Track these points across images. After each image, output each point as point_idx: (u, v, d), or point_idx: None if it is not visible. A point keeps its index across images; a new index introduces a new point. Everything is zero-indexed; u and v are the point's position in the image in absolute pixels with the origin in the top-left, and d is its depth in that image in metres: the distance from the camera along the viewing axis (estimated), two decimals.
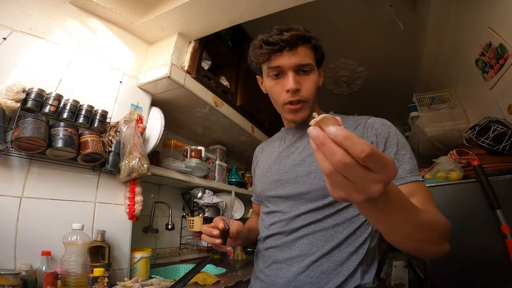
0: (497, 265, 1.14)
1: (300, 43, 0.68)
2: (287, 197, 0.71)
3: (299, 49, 0.68)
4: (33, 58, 1.03)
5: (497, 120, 1.31)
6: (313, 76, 0.71)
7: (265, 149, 0.90)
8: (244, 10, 1.32)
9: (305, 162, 0.70)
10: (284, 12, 1.34)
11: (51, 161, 0.99)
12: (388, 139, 0.64)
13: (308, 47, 0.70)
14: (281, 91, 0.71)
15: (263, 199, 0.79)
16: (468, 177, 1.29)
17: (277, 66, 0.69)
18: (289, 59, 0.68)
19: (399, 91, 3.03)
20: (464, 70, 1.82)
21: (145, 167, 1.14)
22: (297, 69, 0.69)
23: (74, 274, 0.88)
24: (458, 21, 1.73)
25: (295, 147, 0.76)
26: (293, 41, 0.67)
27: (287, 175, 0.72)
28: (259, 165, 0.87)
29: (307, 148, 0.72)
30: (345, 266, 0.63)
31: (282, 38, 0.66)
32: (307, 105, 0.72)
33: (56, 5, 1.16)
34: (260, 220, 0.81)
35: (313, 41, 0.71)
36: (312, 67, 0.70)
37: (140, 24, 1.40)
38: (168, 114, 1.48)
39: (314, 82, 0.71)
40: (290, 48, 0.67)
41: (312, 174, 0.67)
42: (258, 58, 0.71)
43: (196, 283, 1.13)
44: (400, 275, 2.36)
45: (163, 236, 1.63)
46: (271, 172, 0.77)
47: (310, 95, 0.71)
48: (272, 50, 0.68)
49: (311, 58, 0.70)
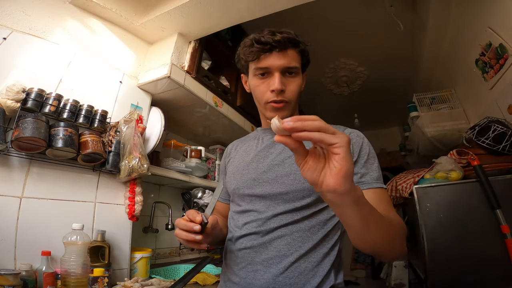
0: (497, 265, 1.14)
1: (290, 46, 0.71)
2: (264, 196, 0.70)
3: (289, 51, 0.71)
4: (33, 58, 1.03)
5: (497, 120, 1.31)
6: (298, 79, 0.73)
7: (239, 146, 0.88)
8: (244, 10, 1.32)
9: (285, 163, 0.71)
10: (284, 12, 1.34)
11: (51, 161, 0.99)
12: (362, 149, 0.69)
13: (297, 51, 0.73)
14: (266, 90, 0.72)
15: (236, 197, 0.78)
16: (468, 177, 1.29)
17: (265, 66, 0.71)
18: (278, 59, 0.70)
19: (399, 91, 3.03)
20: (464, 70, 1.82)
21: (145, 167, 1.14)
22: (284, 70, 0.71)
23: (74, 274, 0.88)
24: (458, 21, 1.73)
25: (274, 147, 0.76)
26: (284, 42, 0.69)
27: (265, 174, 0.72)
28: (232, 162, 0.84)
29: (287, 150, 0.72)
30: (321, 267, 0.64)
31: (274, 39, 0.68)
32: (289, 106, 0.74)
33: (56, 5, 1.16)
34: (231, 219, 0.79)
35: (301, 45, 0.73)
36: (298, 70, 0.73)
37: (140, 24, 1.40)
38: (168, 114, 1.48)
39: (298, 85, 0.73)
40: (280, 50, 0.70)
41: (292, 175, 0.68)
42: (248, 55, 0.73)
43: (196, 283, 1.13)
44: (400, 275, 2.36)
45: (163, 236, 1.63)
46: (247, 170, 0.76)
47: (293, 97, 0.73)
48: (263, 49, 0.69)
49: (298, 62, 0.73)
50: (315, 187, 0.41)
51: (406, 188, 1.44)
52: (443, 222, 1.26)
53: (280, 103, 0.72)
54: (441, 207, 1.29)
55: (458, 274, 1.20)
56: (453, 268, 1.21)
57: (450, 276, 1.21)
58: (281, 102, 0.72)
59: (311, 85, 3.01)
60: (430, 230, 1.27)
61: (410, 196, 1.41)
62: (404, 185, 1.47)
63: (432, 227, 1.27)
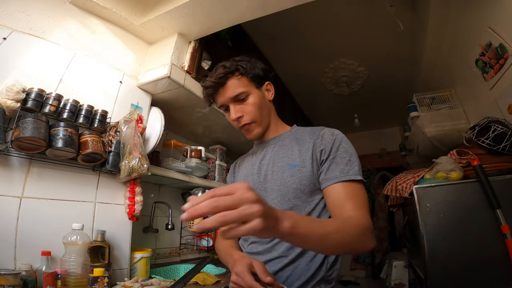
0: (497, 265, 1.14)
1: (228, 78, 0.78)
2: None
3: (228, 83, 0.79)
4: (33, 58, 1.03)
5: (497, 120, 1.31)
6: (251, 99, 0.80)
7: (241, 163, 0.98)
8: (244, 10, 1.32)
9: (273, 172, 0.80)
10: (284, 12, 1.34)
11: (51, 161, 0.99)
12: (332, 147, 0.74)
13: (237, 77, 0.79)
14: (232, 121, 0.82)
15: None
16: (468, 177, 1.29)
17: (220, 104, 0.82)
18: (223, 95, 0.80)
19: (399, 91, 3.03)
20: (464, 70, 1.82)
21: (145, 167, 1.14)
22: (234, 100, 0.79)
23: (74, 274, 0.88)
24: (458, 21, 1.73)
25: (263, 158, 0.85)
26: (221, 79, 0.78)
27: (259, 184, 0.81)
28: (236, 178, 0.97)
29: (273, 159, 0.82)
30: (314, 262, 0.71)
31: (211, 82, 0.79)
32: (255, 124, 0.82)
33: (56, 5, 1.16)
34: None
35: (241, 69, 0.79)
36: (247, 93, 0.80)
37: (140, 24, 1.40)
38: (168, 114, 1.48)
39: (253, 104, 0.80)
40: (221, 86, 0.79)
41: (278, 181, 0.77)
42: (207, 102, 0.85)
43: (196, 283, 1.13)
44: (400, 275, 2.36)
45: (163, 236, 1.63)
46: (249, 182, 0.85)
47: (254, 116, 0.80)
48: (211, 92, 0.81)
49: (242, 85, 0.79)
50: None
51: (406, 188, 1.44)
52: (443, 222, 1.26)
53: (246, 126, 0.81)
54: (441, 207, 1.29)
55: (458, 274, 1.20)
56: (453, 268, 1.21)
57: (450, 276, 1.21)
58: (245, 125, 0.81)
59: (311, 85, 3.02)
60: (430, 230, 1.27)
61: (410, 196, 1.41)
62: (404, 185, 1.47)
63: (432, 227, 1.27)
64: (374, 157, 4.21)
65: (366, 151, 4.25)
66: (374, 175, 4.16)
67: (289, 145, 0.81)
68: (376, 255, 3.73)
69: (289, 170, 0.75)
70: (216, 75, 0.78)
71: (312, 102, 3.40)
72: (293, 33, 2.24)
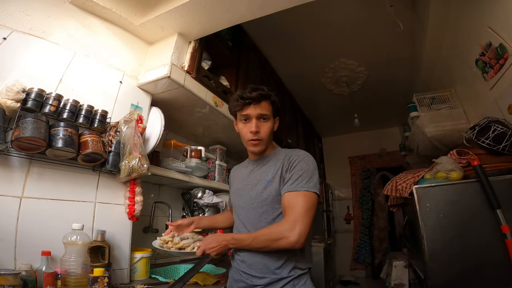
0: (497, 265, 1.14)
1: (263, 99, 0.98)
2: (242, 206, 1.04)
3: (262, 103, 0.99)
4: (33, 58, 1.03)
5: (497, 120, 1.31)
6: (269, 123, 1.01)
7: (237, 171, 1.19)
8: (244, 10, 1.32)
9: (256, 184, 1.01)
10: (284, 12, 1.35)
11: (51, 161, 0.99)
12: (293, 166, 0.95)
13: (268, 102, 1.00)
14: (247, 131, 1.00)
15: (234, 206, 1.11)
16: (468, 177, 1.29)
17: (246, 114, 0.99)
18: (254, 110, 0.98)
19: (399, 91, 3.03)
20: (464, 70, 1.82)
21: (145, 167, 1.14)
22: (258, 117, 0.99)
23: (74, 274, 0.88)
24: (458, 21, 1.73)
25: (253, 172, 1.06)
26: (258, 97, 0.97)
27: (246, 192, 1.04)
28: (232, 184, 1.19)
29: (257, 175, 1.03)
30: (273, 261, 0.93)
31: (250, 96, 0.96)
32: (263, 142, 1.02)
33: (56, 5, 1.16)
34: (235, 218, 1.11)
35: (272, 98, 1.01)
36: (269, 117, 1.01)
37: (140, 24, 1.40)
38: (168, 114, 1.48)
39: (269, 127, 1.02)
40: (256, 103, 0.98)
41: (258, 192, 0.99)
42: (235, 107, 1.02)
43: (196, 283, 1.13)
44: (400, 275, 2.36)
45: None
46: (239, 191, 1.09)
47: (265, 136, 1.01)
48: (244, 103, 0.98)
49: (269, 110, 1.01)
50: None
51: (406, 188, 1.44)
52: (443, 222, 1.26)
53: (256, 141, 1.00)
54: (441, 207, 1.29)
55: (458, 274, 1.20)
56: (453, 268, 1.21)
57: (450, 276, 1.21)
58: (256, 140, 1.00)
59: (311, 85, 3.02)
60: (430, 230, 1.27)
61: (410, 196, 1.41)
62: (404, 185, 1.47)
63: (432, 227, 1.27)
64: (374, 157, 4.21)
65: (366, 151, 4.25)
66: (374, 175, 4.16)
67: (267, 165, 1.02)
68: (376, 255, 3.73)
69: (265, 184, 0.98)
70: (258, 93, 0.97)
71: (312, 102, 3.40)
72: (293, 33, 2.24)
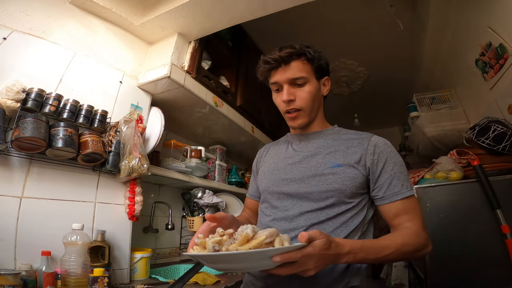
0: (497, 265, 1.14)
1: (293, 59, 0.76)
2: (291, 194, 0.76)
3: (292, 64, 0.76)
4: (33, 58, 1.03)
5: (497, 120, 1.31)
6: (308, 87, 0.78)
7: (271, 149, 0.95)
8: (244, 10, 1.32)
9: (311, 166, 0.76)
10: (284, 12, 1.34)
11: (51, 161, 0.99)
12: (389, 157, 0.73)
13: (302, 61, 0.77)
14: (281, 102, 0.79)
15: (266, 194, 0.83)
16: (468, 177, 1.29)
17: (275, 82, 0.78)
18: (283, 74, 0.77)
19: (399, 91, 3.02)
20: (464, 70, 1.82)
21: (145, 167, 1.14)
22: (291, 82, 0.77)
23: (74, 274, 0.88)
24: (458, 21, 1.73)
25: (301, 151, 0.82)
26: (286, 57, 0.75)
27: (293, 174, 0.78)
28: (264, 162, 0.91)
29: (313, 154, 0.79)
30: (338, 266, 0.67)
31: (275, 57, 0.76)
32: (303, 113, 0.79)
33: (56, 5, 1.16)
34: (262, 215, 0.84)
35: (308, 54, 0.77)
36: (306, 79, 0.77)
37: (140, 24, 1.40)
38: (168, 114, 1.48)
39: (309, 92, 0.77)
40: (285, 64, 0.76)
41: (317, 177, 0.73)
42: (261, 75, 0.82)
43: (196, 283, 1.13)
44: (400, 275, 2.36)
45: (163, 236, 1.63)
46: (277, 170, 0.82)
47: (305, 105, 0.78)
48: (270, 68, 0.78)
49: (305, 71, 0.77)
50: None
51: None
52: (443, 222, 1.26)
53: (294, 113, 0.78)
54: (441, 207, 1.29)
55: (458, 274, 1.20)
56: (453, 268, 1.21)
57: (450, 276, 1.21)
58: (294, 112, 0.78)
59: None
60: (430, 230, 1.25)
61: None
62: None
63: (432, 227, 1.27)
64: None
65: None
66: None
67: (332, 143, 0.79)
68: None
69: (331, 168, 0.73)
70: (284, 52, 0.75)
71: None
72: (293, 33, 2.24)
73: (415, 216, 0.70)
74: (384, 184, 0.71)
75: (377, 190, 0.72)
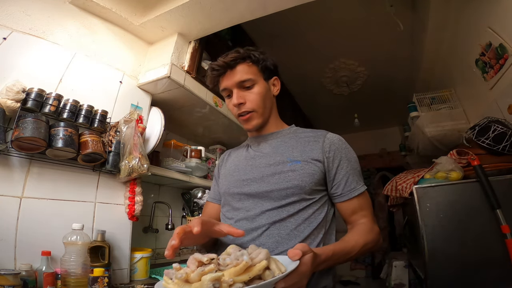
0: (497, 265, 1.13)
1: (238, 62, 0.78)
2: (252, 194, 0.77)
3: (238, 68, 0.78)
4: (33, 58, 1.03)
5: (497, 120, 1.31)
6: (256, 88, 0.79)
7: (232, 153, 0.96)
8: (244, 10, 1.32)
9: (270, 165, 0.78)
10: (284, 12, 1.34)
11: (51, 161, 0.99)
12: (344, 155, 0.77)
13: (247, 64, 0.79)
14: (233, 107, 0.81)
15: (227, 196, 0.84)
16: (468, 177, 1.29)
17: (224, 88, 0.80)
18: (230, 79, 0.78)
19: (399, 91, 3.03)
20: (464, 70, 1.82)
21: (145, 167, 1.14)
22: (239, 85, 0.78)
23: (74, 274, 0.88)
24: (458, 21, 1.73)
25: (260, 151, 0.84)
26: (231, 62, 0.77)
27: (253, 174, 0.79)
28: (225, 166, 0.92)
29: (271, 153, 0.81)
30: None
31: (220, 63, 0.78)
32: (256, 114, 0.80)
33: (56, 5, 1.16)
34: (224, 219, 0.84)
35: (253, 57, 0.79)
36: (254, 81, 0.79)
37: (140, 24, 1.40)
38: (168, 114, 1.48)
39: (258, 93, 0.79)
40: (231, 69, 0.78)
41: (277, 175, 0.75)
42: (210, 82, 0.83)
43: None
44: (400, 275, 2.36)
45: (163, 236, 1.63)
46: (237, 172, 0.84)
47: (256, 106, 0.79)
48: (218, 74, 0.80)
49: (252, 73, 0.79)
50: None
51: (406, 188, 1.44)
52: (443, 222, 1.26)
53: (246, 115, 0.80)
54: (441, 207, 1.28)
55: (458, 274, 1.20)
56: (453, 268, 1.21)
57: (450, 276, 1.21)
58: (246, 114, 0.80)
59: (311, 85, 3.01)
60: (430, 230, 1.27)
61: (410, 196, 1.41)
62: (404, 185, 1.47)
63: (432, 227, 1.27)
64: (374, 157, 4.20)
65: (366, 151, 4.24)
66: (374, 175, 4.16)
67: (290, 142, 0.81)
68: (376, 255, 3.73)
69: (290, 166, 0.74)
70: (228, 57, 0.77)
71: (312, 102, 3.40)
72: (293, 33, 2.24)
73: (368, 211, 0.76)
74: (341, 181, 0.74)
75: (336, 187, 0.75)
